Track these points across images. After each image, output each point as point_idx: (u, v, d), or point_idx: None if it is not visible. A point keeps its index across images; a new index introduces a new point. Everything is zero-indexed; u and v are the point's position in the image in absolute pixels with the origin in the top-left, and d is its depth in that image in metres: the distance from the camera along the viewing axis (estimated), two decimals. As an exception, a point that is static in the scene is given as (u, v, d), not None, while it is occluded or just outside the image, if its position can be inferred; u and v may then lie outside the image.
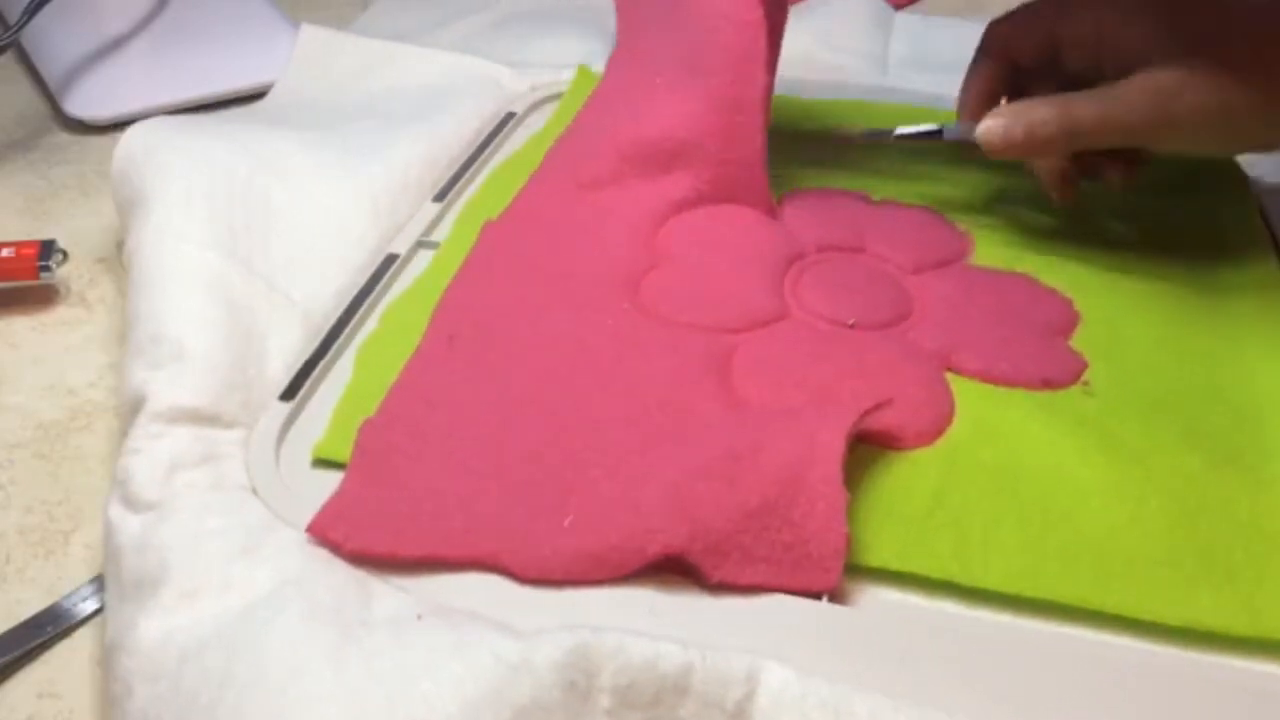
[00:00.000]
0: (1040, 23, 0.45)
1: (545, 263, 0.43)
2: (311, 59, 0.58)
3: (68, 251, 0.46)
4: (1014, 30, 0.46)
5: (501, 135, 0.53)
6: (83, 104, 0.57)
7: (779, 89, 0.60)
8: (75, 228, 0.50)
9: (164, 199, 0.42)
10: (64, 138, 0.57)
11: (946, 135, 0.47)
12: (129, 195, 0.44)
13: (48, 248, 0.45)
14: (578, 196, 0.46)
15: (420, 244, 0.46)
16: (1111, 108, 0.41)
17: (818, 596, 0.32)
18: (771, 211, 0.47)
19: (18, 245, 0.45)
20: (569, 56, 0.59)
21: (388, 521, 0.32)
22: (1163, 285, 0.44)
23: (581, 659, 0.27)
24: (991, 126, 0.44)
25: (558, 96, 0.56)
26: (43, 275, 0.45)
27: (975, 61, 0.47)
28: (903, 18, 0.68)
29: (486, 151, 0.52)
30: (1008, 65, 0.46)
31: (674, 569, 0.31)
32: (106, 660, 0.29)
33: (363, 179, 0.47)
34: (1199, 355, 0.41)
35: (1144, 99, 0.41)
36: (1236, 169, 0.52)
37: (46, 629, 0.32)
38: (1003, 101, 0.46)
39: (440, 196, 0.49)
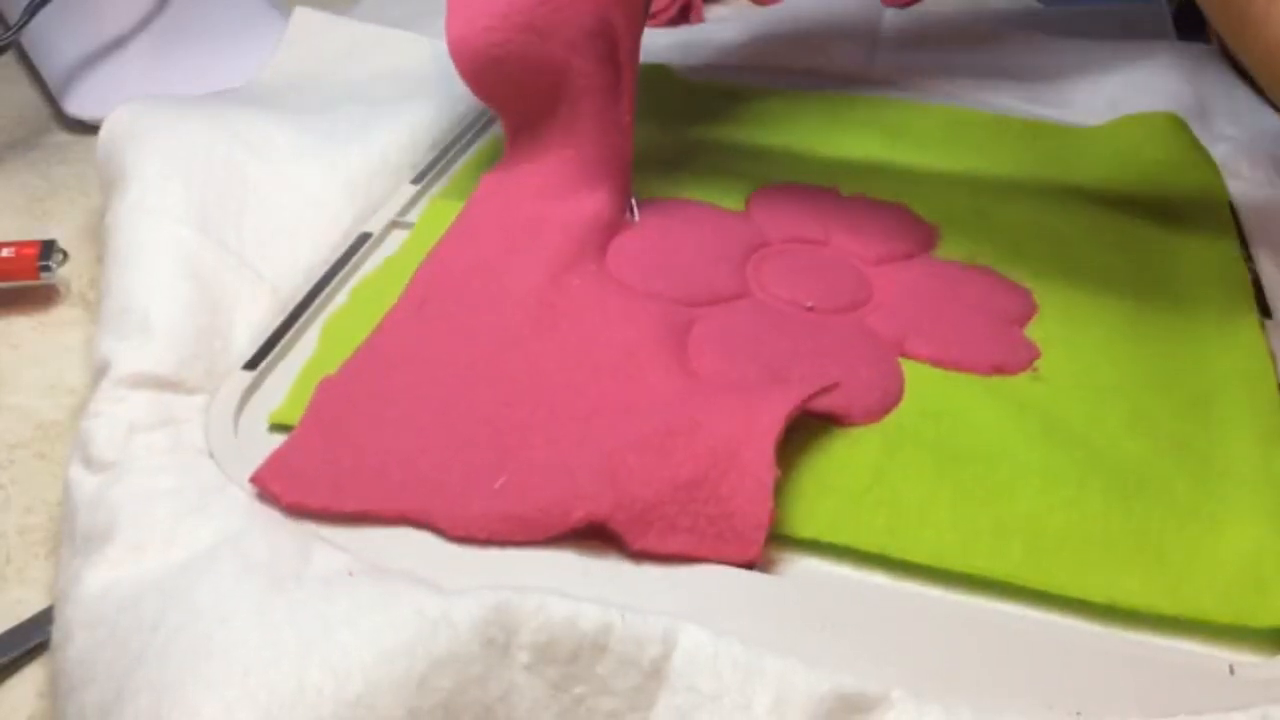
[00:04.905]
0: None
1: (526, 212, 0.44)
2: (302, 41, 0.59)
3: (68, 251, 0.46)
4: None
5: (486, 120, 0.54)
6: (83, 104, 0.58)
7: (765, 79, 0.61)
8: (75, 228, 0.50)
9: (140, 175, 0.43)
10: (64, 138, 0.57)
11: None
12: (111, 173, 0.45)
13: (48, 248, 0.45)
14: None
15: (395, 224, 0.47)
16: None
17: (745, 566, 0.32)
18: None
19: (18, 245, 0.46)
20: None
21: (329, 477, 0.33)
22: (1123, 279, 0.44)
23: (502, 616, 0.27)
24: None
25: (543, 84, 0.56)
26: (43, 275, 0.45)
27: None
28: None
29: (468, 136, 0.53)
30: None
31: (604, 536, 0.32)
32: (54, 611, 0.30)
33: (341, 159, 0.48)
34: (1153, 346, 0.41)
35: None
36: (1216, 179, 0.52)
37: (46, 629, 0.32)
38: None
39: (419, 179, 0.50)
